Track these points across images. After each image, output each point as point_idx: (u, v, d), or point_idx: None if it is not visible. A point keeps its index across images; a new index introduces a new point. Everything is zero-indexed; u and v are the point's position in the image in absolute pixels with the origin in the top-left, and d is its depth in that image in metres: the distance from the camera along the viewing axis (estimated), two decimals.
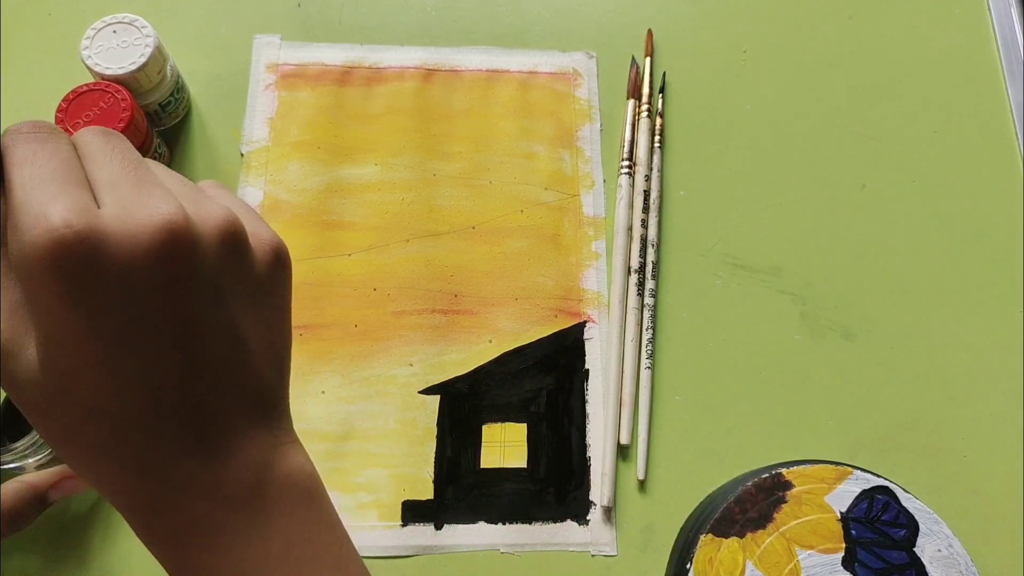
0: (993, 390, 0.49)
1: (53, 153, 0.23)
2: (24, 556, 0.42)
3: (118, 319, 0.21)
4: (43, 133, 0.23)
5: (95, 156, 0.23)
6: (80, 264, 0.20)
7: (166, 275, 0.22)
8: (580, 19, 0.58)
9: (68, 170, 0.22)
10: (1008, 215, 0.54)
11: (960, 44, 0.59)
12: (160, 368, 0.22)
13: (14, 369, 0.22)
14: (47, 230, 0.20)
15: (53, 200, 0.21)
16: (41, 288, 0.21)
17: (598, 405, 0.47)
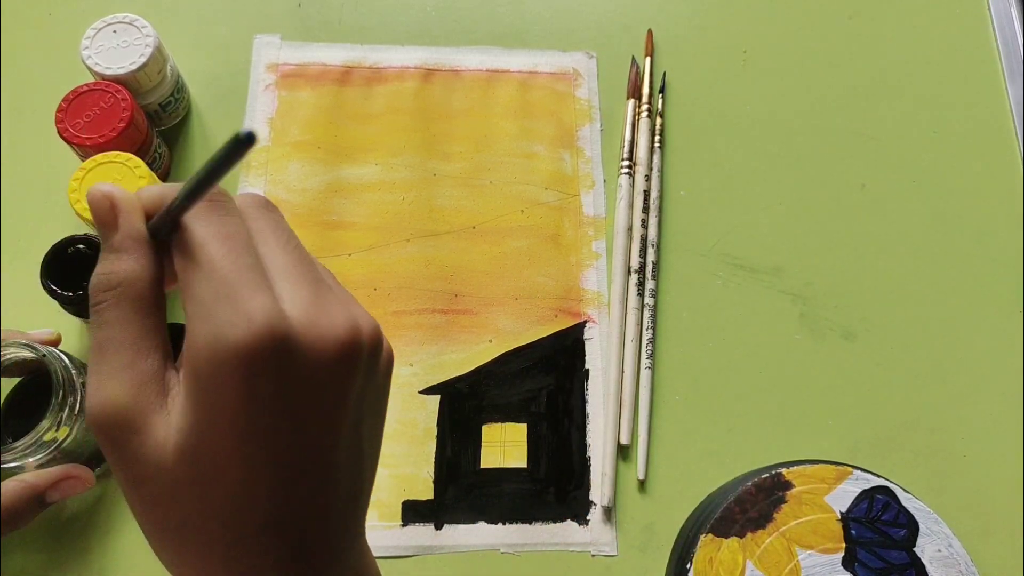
0: (993, 390, 0.49)
1: (237, 231, 0.22)
2: (25, 555, 0.42)
3: (284, 424, 0.21)
4: (223, 203, 0.23)
5: (266, 238, 0.23)
6: (272, 365, 0.20)
7: (338, 387, 0.22)
8: (580, 19, 0.58)
9: (254, 256, 0.22)
10: (1008, 215, 0.54)
11: (960, 44, 0.59)
12: (300, 483, 0.22)
13: (138, 446, 0.21)
14: (250, 327, 0.20)
15: (253, 295, 0.21)
16: (223, 379, 0.20)
17: (598, 405, 0.47)
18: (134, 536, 0.43)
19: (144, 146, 0.47)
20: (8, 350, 0.38)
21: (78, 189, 0.43)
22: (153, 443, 0.21)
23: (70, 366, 0.39)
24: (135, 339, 0.22)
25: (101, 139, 0.44)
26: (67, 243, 0.42)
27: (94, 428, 0.22)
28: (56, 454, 0.39)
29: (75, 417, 0.39)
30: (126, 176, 0.43)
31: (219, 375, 0.20)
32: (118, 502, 0.44)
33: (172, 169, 0.51)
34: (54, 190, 0.50)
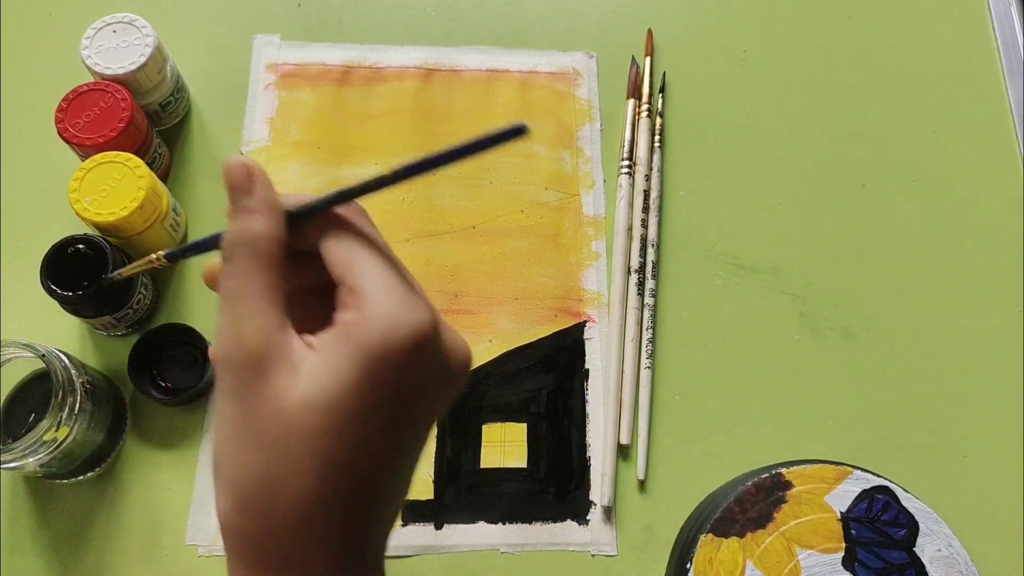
0: (993, 390, 0.49)
1: (375, 235, 0.26)
2: (25, 557, 0.42)
3: (413, 406, 0.24)
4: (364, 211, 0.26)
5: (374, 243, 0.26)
6: (427, 353, 0.24)
7: (448, 394, 0.26)
8: (580, 19, 0.58)
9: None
10: (1008, 215, 0.54)
11: (960, 44, 0.59)
12: (395, 466, 0.25)
13: (262, 387, 0.23)
14: (423, 317, 0.23)
15: (420, 293, 0.24)
16: (389, 352, 0.23)
17: (598, 405, 0.47)
18: (135, 537, 0.43)
19: (144, 146, 0.47)
20: (8, 350, 0.38)
21: (78, 189, 0.43)
22: (276, 389, 0.23)
23: (70, 366, 0.39)
24: (265, 290, 0.24)
25: (101, 139, 0.44)
26: (67, 243, 0.42)
27: (222, 366, 0.23)
28: (56, 454, 0.39)
29: (75, 417, 0.39)
30: (126, 176, 0.43)
31: (387, 348, 0.23)
32: (118, 503, 0.44)
33: (172, 169, 0.51)
34: (54, 190, 0.50)
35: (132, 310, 0.45)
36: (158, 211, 0.45)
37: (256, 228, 0.25)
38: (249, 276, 0.24)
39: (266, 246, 0.24)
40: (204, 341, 0.45)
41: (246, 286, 0.24)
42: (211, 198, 0.51)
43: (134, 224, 0.44)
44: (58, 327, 0.47)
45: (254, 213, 0.25)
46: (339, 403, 0.22)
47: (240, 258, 0.24)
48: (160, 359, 0.45)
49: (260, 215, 0.25)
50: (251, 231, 0.25)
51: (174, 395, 0.45)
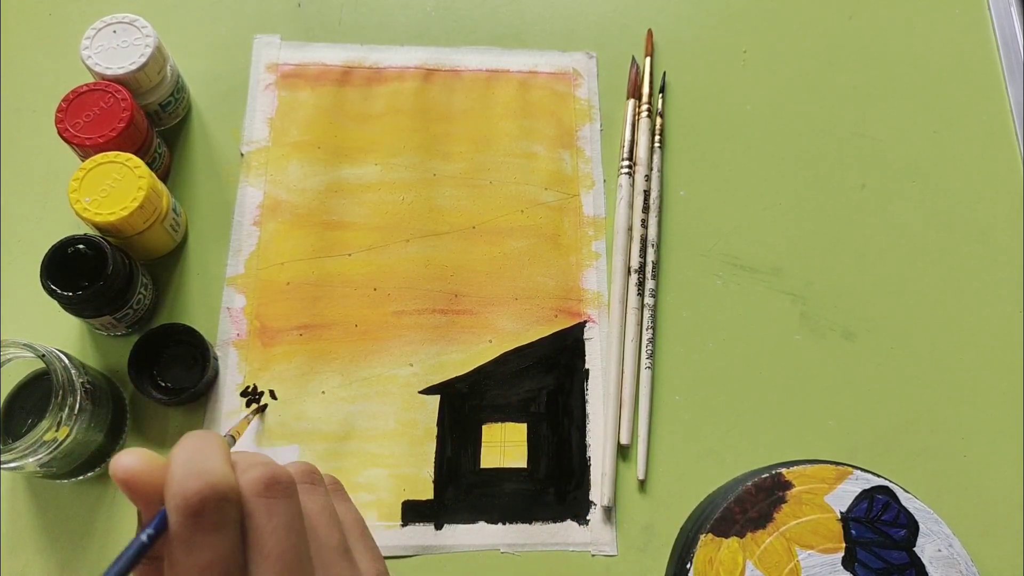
0: (993, 390, 0.49)
1: (296, 518, 0.25)
2: (26, 556, 0.42)
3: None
4: (286, 486, 0.26)
5: (318, 528, 0.27)
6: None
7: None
8: (580, 19, 0.58)
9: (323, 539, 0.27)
10: (1008, 215, 0.54)
11: (960, 44, 0.59)
12: None
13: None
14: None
15: (374, 560, 0.27)
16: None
17: (598, 405, 0.47)
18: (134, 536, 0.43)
19: (144, 146, 0.47)
20: (8, 350, 0.38)
21: (78, 189, 0.43)
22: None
23: (70, 366, 0.39)
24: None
25: (101, 139, 0.44)
26: (67, 243, 0.42)
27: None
28: (56, 454, 0.39)
29: (75, 417, 0.39)
30: (126, 176, 0.43)
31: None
32: (119, 502, 0.44)
33: (172, 169, 0.51)
34: (54, 190, 0.50)
35: (132, 310, 0.45)
36: (158, 211, 0.45)
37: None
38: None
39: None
40: (204, 341, 0.45)
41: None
42: (211, 198, 0.51)
43: (134, 224, 0.44)
44: (58, 327, 0.47)
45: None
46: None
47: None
48: (160, 359, 0.45)
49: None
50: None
51: (174, 395, 0.45)
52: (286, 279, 0.49)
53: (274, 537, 0.24)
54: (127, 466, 0.23)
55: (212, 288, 0.48)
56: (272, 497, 0.24)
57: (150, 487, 0.23)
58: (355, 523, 0.30)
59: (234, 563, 0.23)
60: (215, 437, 0.25)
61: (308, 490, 0.27)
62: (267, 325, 0.48)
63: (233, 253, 0.49)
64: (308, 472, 0.28)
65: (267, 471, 0.25)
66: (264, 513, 0.24)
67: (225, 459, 0.24)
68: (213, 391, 0.46)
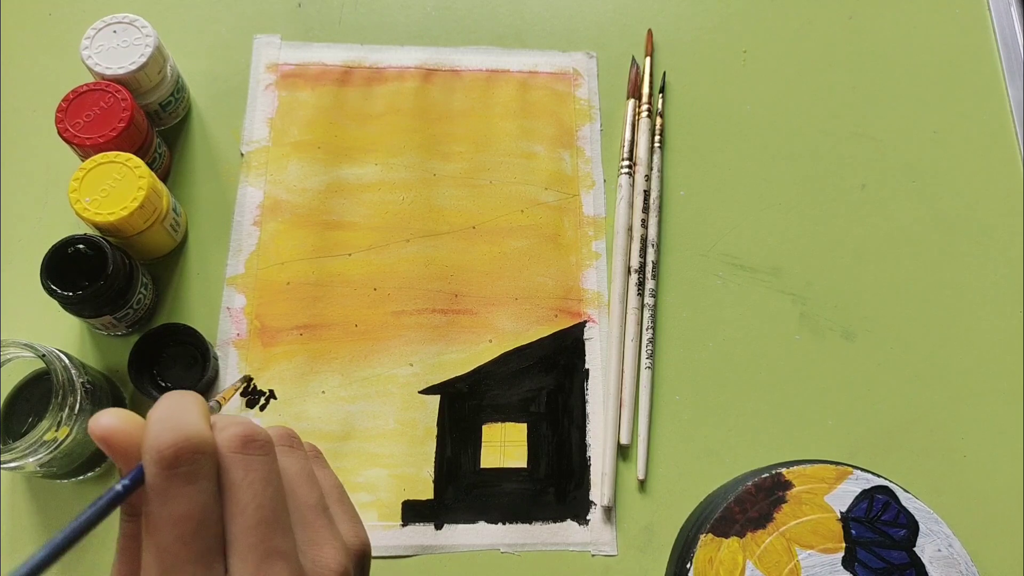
0: (993, 390, 0.49)
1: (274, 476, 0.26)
2: (26, 555, 0.42)
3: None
4: (262, 443, 0.26)
5: (296, 487, 0.27)
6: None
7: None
8: (580, 19, 0.58)
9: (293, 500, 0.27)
10: (1008, 215, 0.54)
11: (960, 44, 0.59)
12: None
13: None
14: (337, 565, 0.25)
15: (331, 541, 0.26)
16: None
17: (598, 405, 0.47)
18: None
19: (144, 146, 0.47)
20: (8, 350, 0.38)
21: (78, 189, 0.43)
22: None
23: (70, 366, 0.39)
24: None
25: (101, 139, 0.44)
26: (67, 243, 0.42)
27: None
28: (56, 454, 0.39)
29: (75, 417, 0.39)
30: (126, 176, 0.43)
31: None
32: None
33: (172, 169, 0.51)
34: (54, 190, 0.50)
35: (132, 310, 0.45)
36: (158, 211, 0.45)
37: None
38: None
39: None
40: (204, 341, 0.45)
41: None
42: (211, 198, 0.51)
43: (134, 224, 0.44)
44: (58, 327, 0.47)
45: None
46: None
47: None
48: (160, 359, 0.45)
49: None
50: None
51: None
52: (286, 279, 0.49)
53: (251, 490, 0.24)
54: (106, 424, 0.24)
55: (212, 288, 0.48)
56: (249, 453, 0.25)
57: (129, 444, 0.24)
58: (333, 487, 0.30)
59: (210, 514, 0.23)
60: (193, 396, 0.25)
61: (286, 451, 0.28)
62: (267, 325, 0.48)
63: (233, 253, 0.49)
64: (287, 435, 0.29)
65: (245, 428, 0.25)
66: (240, 468, 0.24)
67: (201, 415, 0.24)
68: (213, 391, 0.46)
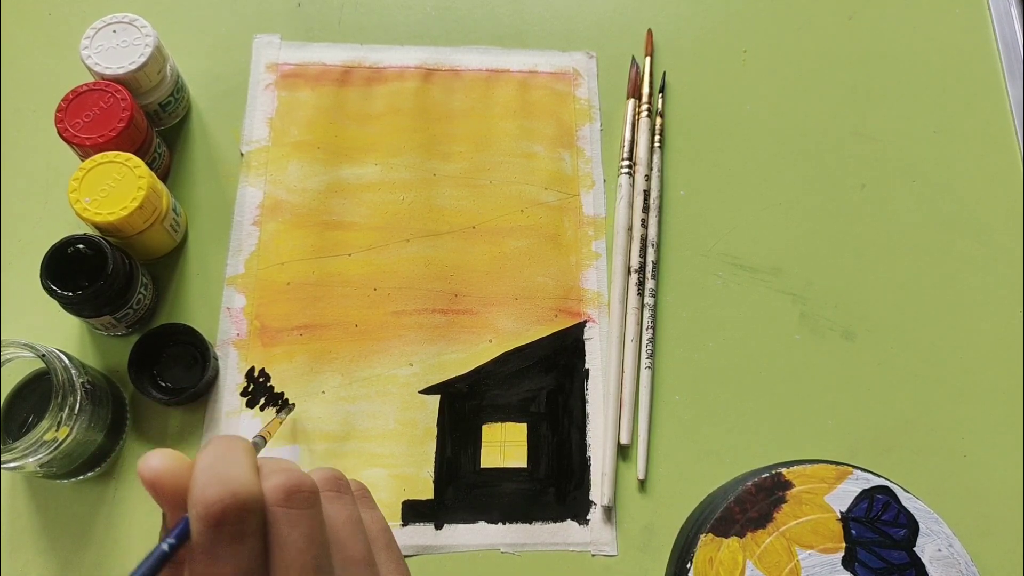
0: (993, 390, 0.49)
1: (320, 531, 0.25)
2: (26, 556, 0.42)
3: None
4: (308, 496, 0.25)
5: (343, 538, 0.26)
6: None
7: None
8: (580, 19, 0.58)
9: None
10: (1008, 215, 0.54)
11: (960, 44, 0.59)
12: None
13: None
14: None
15: (399, 571, 0.26)
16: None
17: (598, 405, 0.47)
18: (135, 537, 0.43)
19: (144, 146, 0.47)
20: (8, 350, 0.38)
21: (78, 189, 0.43)
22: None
23: (70, 366, 0.39)
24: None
25: (101, 139, 0.44)
26: (67, 243, 0.42)
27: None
28: (56, 454, 0.39)
29: (75, 417, 0.39)
30: (126, 176, 0.43)
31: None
32: (119, 502, 0.44)
33: (172, 169, 0.51)
34: (54, 190, 0.50)
35: (132, 310, 0.45)
36: (158, 211, 0.45)
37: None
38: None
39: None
40: (204, 341, 0.45)
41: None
42: (211, 198, 0.51)
43: (134, 224, 0.44)
44: (58, 327, 0.47)
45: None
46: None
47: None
48: (160, 359, 0.45)
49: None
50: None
51: (174, 395, 0.45)
52: (286, 279, 0.49)
53: (295, 548, 0.23)
54: (154, 467, 0.23)
55: (212, 288, 0.48)
56: (294, 507, 0.24)
57: (176, 489, 0.23)
58: (381, 532, 0.29)
59: (255, 573, 0.23)
60: (240, 442, 0.24)
61: (333, 498, 0.27)
62: (267, 325, 0.48)
63: (233, 253, 0.49)
64: (334, 480, 0.28)
65: (289, 478, 0.24)
66: (285, 523, 0.23)
67: (249, 466, 0.24)
68: (213, 391, 0.46)
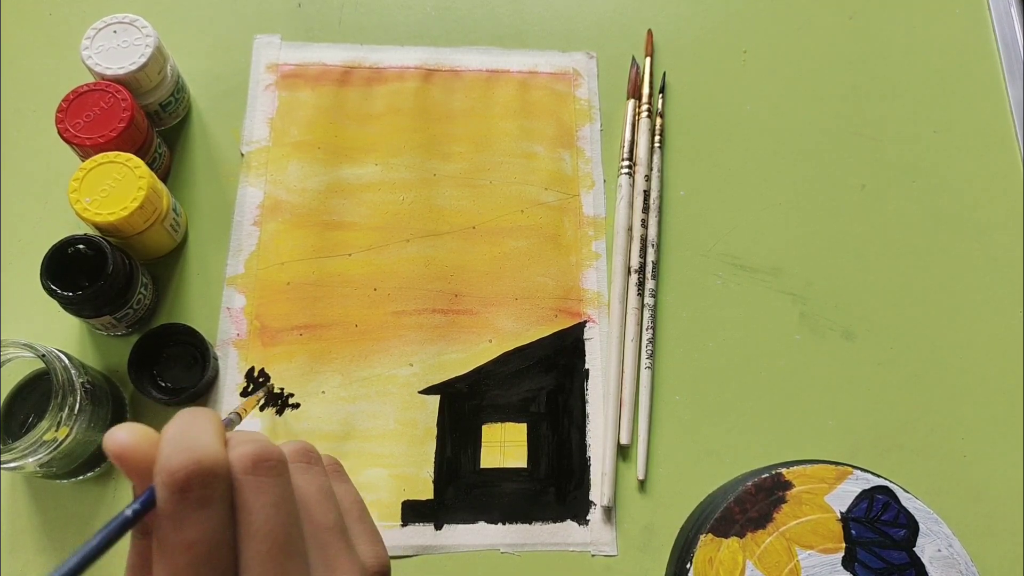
0: (993, 390, 0.49)
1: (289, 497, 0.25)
2: (26, 556, 0.42)
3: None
4: (275, 465, 0.25)
5: (312, 506, 0.26)
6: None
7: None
8: (580, 19, 0.58)
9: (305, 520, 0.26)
10: (1008, 215, 0.54)
11: (960, 44, 0.59)
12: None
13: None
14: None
15: (347, 564, 0.25)
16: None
17: (598, 405, 0.47)
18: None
19: (144, 146, 0.47)
20: (8, 350, 0.38)
21: (78, 189, 0.43)
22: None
23: (70, 366, 0.39)
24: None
25: (101, 139, 0.44)
26: (67, 243, 0.42)
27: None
28: (56, 454, 0.39)
29: (75, 417, 0.39)
30: (126, 176, 0.43)
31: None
32: (119, 502, 0.44)
33: (172, 169, 0.51)
34: (54, 190, 0.50)
35: (132, 310, 0.45)
36: (158, 211, 0.45)
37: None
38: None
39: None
40: (204, 341, 0.45)
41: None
42: (211, 198, 0.51)
43: (134, 224, 0.44)
44: (58, 327, 0.47)
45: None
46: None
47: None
48: (160, 359, 0.45)
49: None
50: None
51: (174, 395, 0.45)
52: (286, 279, 0.49)
53: (262, 514, 0.23)
54: (120, 440, 0.23)
55: (212, 288, 0.48)
56: (261, 475, 0.24)
57: (143, 462, 0.23)
58: (353, 504, 0.29)
59: (222, 540, 0.23)
60: (207, 413, 0.25)
61: (303, 469, 0.27)
62: (267, 325, 0.48)
63: (233, 253, 0.49)
64: (304, 451, 0.28)
65: (257, 447, 0.24)
66: (252, 490, 0.23)
67: (215, 434, 0.24)
68: (213, 391, 0.46)
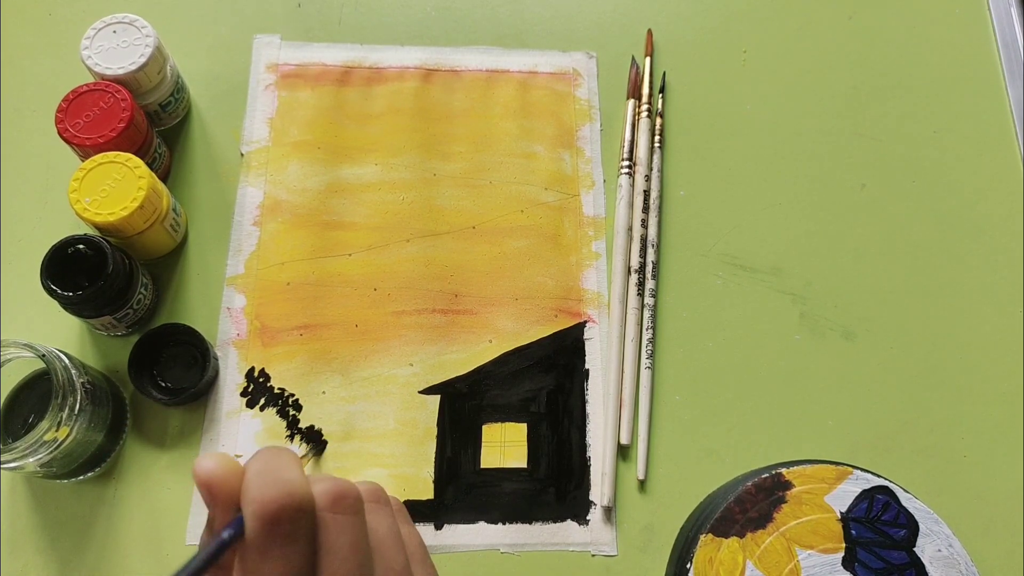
0: (993, 390, 0.49)
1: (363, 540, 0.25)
2: (25, 556, 0.42)
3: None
4: (353, 505, 0.25)
5: (385, 550, 0.26)
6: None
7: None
8: (580, 19, 0.58)
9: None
10: (1008, 215, 0.54)
11: (960, 44, 0.59)
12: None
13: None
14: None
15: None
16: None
17: (598, 405, 0.47)
18: (135, 537, 0.43)
19: (144, 146, 0.47)
20: (8, 350, 0.38)
21: (78, 189, 0.43)
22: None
23: (70, 366, 0.39)
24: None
25: (101, 139, 0.44)
26: (67, 243, 0.42)
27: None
28: (56, 454, 0.39)
29: (75, 417, 0.39)
30: (126, 176, 0.43)
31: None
32: (119, 502, 0.44)
33: (172, 169, 0.51)
34: (54, 190, 0.50)
35: (132, 310, 0.45)
36: (158, 211, 0.45)
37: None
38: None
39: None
40: (204, 341, 0.45)
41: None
42: (211, 198, 0.51)
43: (134, 224, 0.44)
44: (58, 327, 0.47)
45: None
46: None
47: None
48: (160, 359, 0.45)
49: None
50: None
51: (174, 395, 0.45)
52: (286, 279, 0.49)
53: (342, 554, 0.24)
54: (209, 469, 0.23)
55: (212, 288, 0.48)
56: (340, 512, 0.24)
57: (227, 491, 0.23)
58: (417, 547, 0.30)
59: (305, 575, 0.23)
60: (289, 451, 0.25)
61: (376, 509, 0.27)
62: (267, 325, 0.48)
63: (233, 253, 0.49)
64: (375, 491, 0.28)
65: (337, 485, 0.25)
66: (334, 529, 0.24)
67: (301, 471, 0.24)
68: (213, 391, 0.46)
